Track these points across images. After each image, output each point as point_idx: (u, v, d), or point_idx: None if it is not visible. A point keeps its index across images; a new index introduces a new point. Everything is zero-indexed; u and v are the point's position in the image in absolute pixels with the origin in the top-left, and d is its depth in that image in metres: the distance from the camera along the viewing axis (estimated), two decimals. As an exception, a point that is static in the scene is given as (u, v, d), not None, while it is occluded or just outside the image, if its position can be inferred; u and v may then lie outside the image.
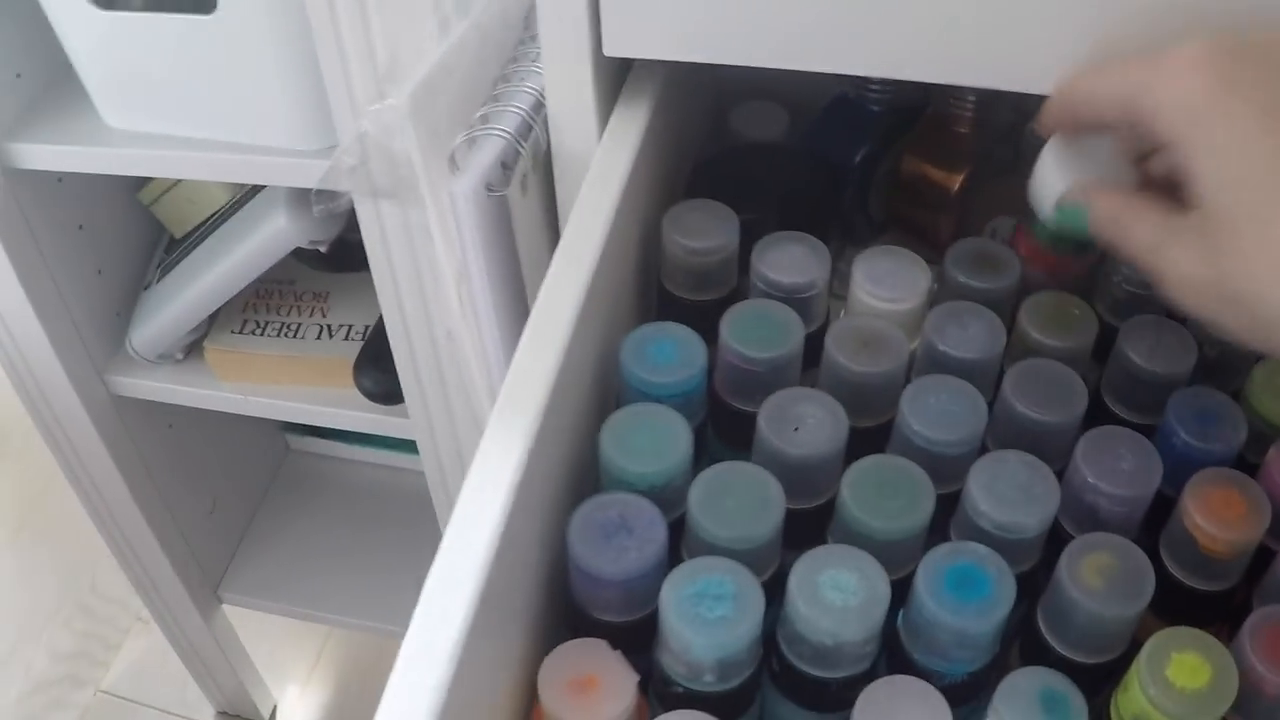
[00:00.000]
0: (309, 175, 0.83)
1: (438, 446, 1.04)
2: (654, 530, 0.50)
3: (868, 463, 0.53)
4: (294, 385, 1.07)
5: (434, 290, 0.86)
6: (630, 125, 0.63)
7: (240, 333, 1.07)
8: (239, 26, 0.79)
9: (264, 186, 0.98)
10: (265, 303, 1.09)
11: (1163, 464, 0.53)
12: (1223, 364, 0.60)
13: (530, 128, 0.67)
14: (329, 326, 1.07)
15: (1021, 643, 0.54)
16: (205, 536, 1.35)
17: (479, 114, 0.67)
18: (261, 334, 1.07)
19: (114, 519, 1.23)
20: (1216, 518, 0.52)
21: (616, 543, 0.49)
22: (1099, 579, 0.50)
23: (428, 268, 0.85)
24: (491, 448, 0.47)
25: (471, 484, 0.46)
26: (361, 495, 1.44)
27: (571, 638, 0.50)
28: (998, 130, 0.78)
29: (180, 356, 1.10)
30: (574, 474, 0.54)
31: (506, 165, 0.66)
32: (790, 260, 0.60)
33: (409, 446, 1.07)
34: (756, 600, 0.47)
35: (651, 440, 0.52)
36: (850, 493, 0.51)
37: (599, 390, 0.57)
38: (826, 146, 0.78)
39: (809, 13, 0.54)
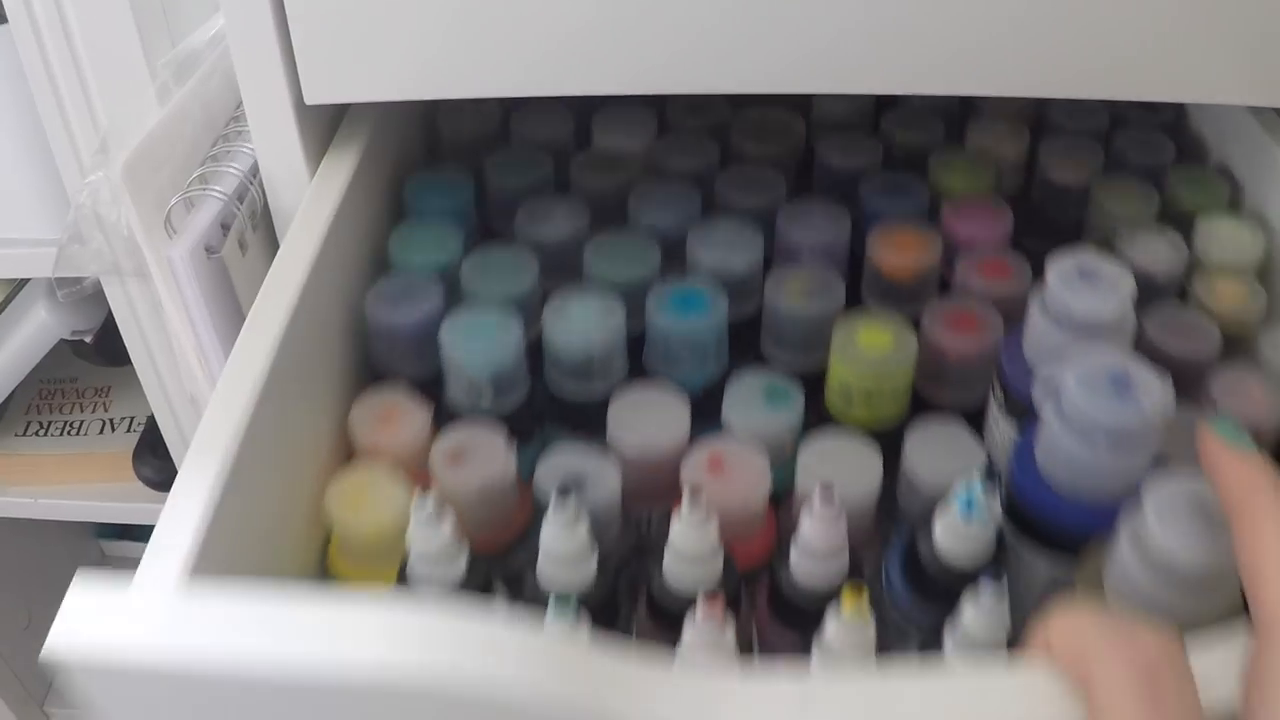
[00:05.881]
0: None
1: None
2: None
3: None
4: (81, 484, 1.04)
5: (179, 360, 0.84)
6: (335, 176, 0.62)
7: (24, 435, 1.04)
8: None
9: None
10: (48, 403, 1.07)
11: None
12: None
13: (247, 187, 0.66)
14: (111, 421, 1.04)
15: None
16: (25, 652, 1.31)
17: (195, 174, 0.66)
18: (45, 434, 1.04)
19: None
20: (895, 249, 0.63)
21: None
22: (800, 295, 0.60)
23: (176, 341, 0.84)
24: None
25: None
26: (184, 595, 1.40)
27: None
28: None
29: (-34, 466, 1.06)
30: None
31: (225, 226, 0.66)
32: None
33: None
34: (517, 330, 0.57)
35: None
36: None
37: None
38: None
39: (505, 40, 0.55)
